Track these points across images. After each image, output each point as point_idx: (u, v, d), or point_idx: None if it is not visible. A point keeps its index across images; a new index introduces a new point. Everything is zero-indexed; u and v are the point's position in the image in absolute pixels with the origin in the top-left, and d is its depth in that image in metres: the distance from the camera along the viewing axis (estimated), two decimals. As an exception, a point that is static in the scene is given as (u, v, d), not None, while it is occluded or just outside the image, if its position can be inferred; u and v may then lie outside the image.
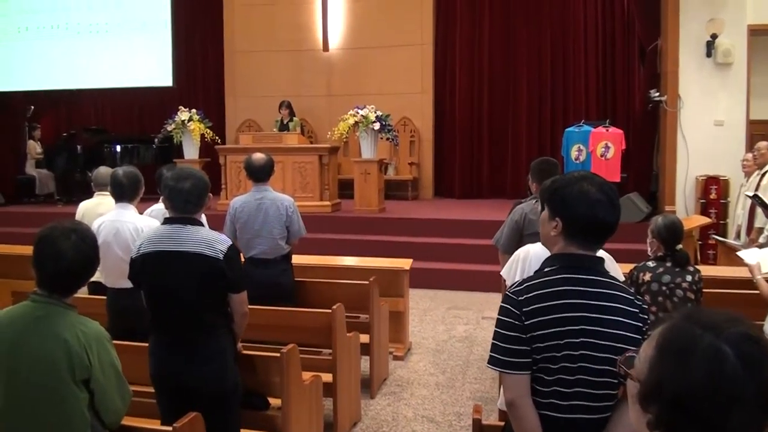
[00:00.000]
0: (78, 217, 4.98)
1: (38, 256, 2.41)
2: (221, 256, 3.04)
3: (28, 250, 2.45)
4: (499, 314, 2.05)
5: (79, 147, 11.47)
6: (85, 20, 11.67)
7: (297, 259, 5.15)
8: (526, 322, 1.97)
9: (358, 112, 9.36)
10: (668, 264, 3.77)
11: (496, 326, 2.05)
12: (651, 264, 3.81)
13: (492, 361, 2.03)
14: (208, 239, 3.08)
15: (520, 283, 2.07)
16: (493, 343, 2.03)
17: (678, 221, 3.90)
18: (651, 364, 1.14)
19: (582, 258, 2.04)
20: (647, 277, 3.76)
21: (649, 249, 3.93)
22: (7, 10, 11.99)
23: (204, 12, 12.56)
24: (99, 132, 12.13)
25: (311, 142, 10.84)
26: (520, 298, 2.00)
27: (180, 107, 10.14)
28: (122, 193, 4.21)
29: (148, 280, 3.16)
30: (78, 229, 2.46)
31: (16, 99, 12.34)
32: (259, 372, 3.54)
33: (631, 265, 3.94)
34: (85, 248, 2.43)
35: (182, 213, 3.14)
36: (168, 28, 11.12)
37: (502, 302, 2.06)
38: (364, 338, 4.84)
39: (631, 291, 2.09)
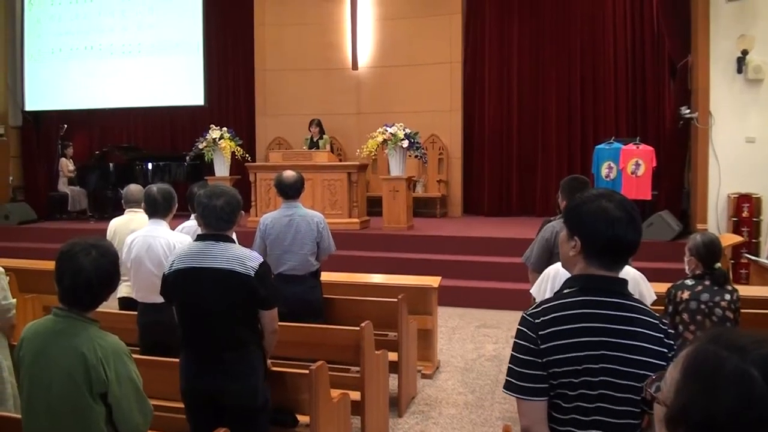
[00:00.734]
0: (109, 233, 5.06)
1: (58, 270, 2.45)
2: (253, 273, 3.06)
3: (58, 265, 2.49)
4: (515, 337, 1.99)
5: (111, 164, 11.66)
6: (119, 42, 11.90)
7: (326, 276, 5.16)
8: (541, 346, 1.89)
9: (386, 130, 9.40)
10: (707, 282, 3.71)
11: (512, 349, 1.98)
12: (689, 282, 3.76)
13: (507, 386, 1.96)
14: (241, 256, 3.10)
15: (538, 305, 1.99)
16: (509, 367, 1.97)
17: (716, 239, 3.85)
18: (677, 387, 1.12)
19: (603, 279, 1.95)
20: (685, 295, 3.71)
21: (686, 267, 3.88)
22: (42, 32, 12.27)
23: (235, 32, 12.73)
24: (131, 150, 12.31)
25: (340, 160, 10.89)
26: (536, 321, 1.93)
27: (211, 125, 10.28)
28: (156, 209, 4.27)
29: (180, 296, 3.19)
30: (98, 245, 2.49)
31: (49, 118, 12.59)
32: (288, 389, 3.55)
33: (662, 284, 3.89)
34: (104, 263, 2.45)
35: (215, 230, 3.17)
36: (200, 49, 11.30)
37: (519, 324, 1.99)
38: (393, 356, 4.82)
39: (656, 315, 1.99)
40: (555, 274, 3.26)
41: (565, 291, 1.99)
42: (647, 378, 1.35)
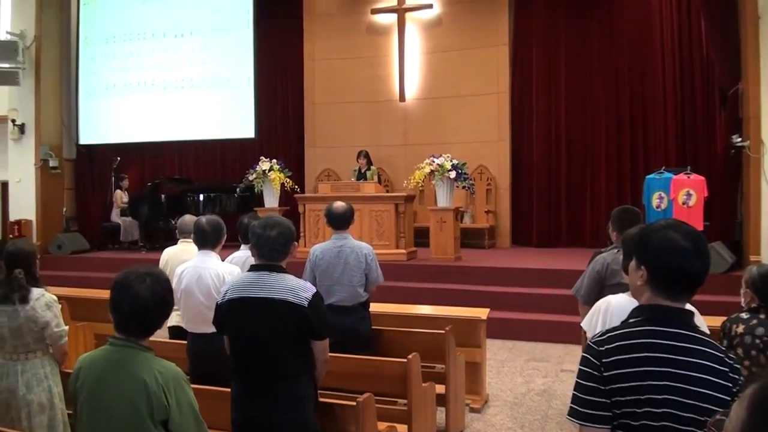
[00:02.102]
0: (162, 262, 5.16)
1: (114, 299, 2.50)
2: (306, 303, 3.08)
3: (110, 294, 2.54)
4: (580, 364, 2.00)
5: (162, 196, 11.92)
6: (172, 77, 12.21)
7: (373, 307, 5.15)
8: (605, 374, 1.90)
9: (433, 161, 9.42)
10: (762, 316, 3.60)
11: (577, 376, 1.99)
12: (744, 316, 3.65)
13: (571, 413, 1.97)
14: (294, 286, 3.12)
15: (603, 333, 2.00)
16: (573, 394, 1.98)
17: (773, 271, 3.73)
18: (743, 426, 1.09)
19: (669, 310, 1.96)
20: (740, 329, 3.60)
21: (742, 300, 3.76)
22: (97, 69, 12.68)
23: (285, 67, 12.97)
24: (182, 181, 12.57)
25: (388, 191, 10.93)
26: (600, 349, 1.94)
27: (261, 157, 10.46)
28: (205, 240, 4.33)
29: (232, 326, 3.23)
30: (153, 273, 2.54)
31: (103, 151, 12.95)
32: (336, 420, 3.53)
33: (715, 318, 3.78)
34: (159, 290, 2.51)
35: (268, 260, 3.20)
36: (251, 83, 11.54)
37: (583, 352, 2.01)
38: (440, 389, 4.77)
39: (722, 348, 1.98)
40: (606, 307, 3.20)
41: (631, 320, 2.00)
42: (710, 411, 1.32)
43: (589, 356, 1.96)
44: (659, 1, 10.56)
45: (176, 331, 4.68)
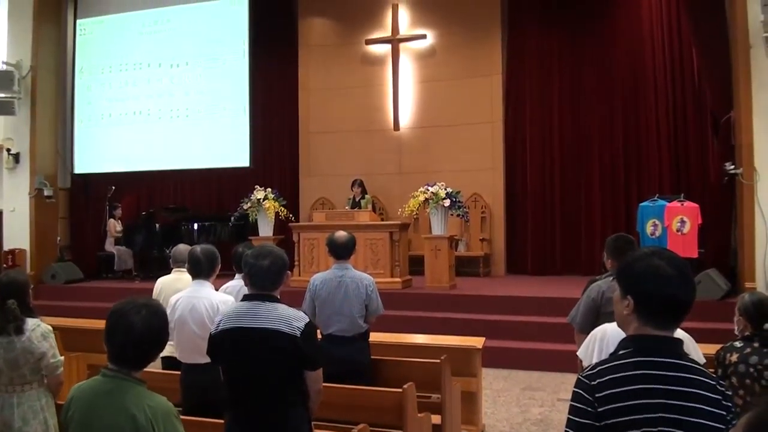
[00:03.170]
0: (156, 291, 5.14)
1: (109, 329, 2.48)
2: (299, 333, 3.06)
3: (104, 324, 2.52)
4: (571, 399, 1.97)
5: (157, 225, 11.88)
6: (167, 106, 12.26)
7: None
8: (599, 409, 1.87)
9: (428, 189, 9.44)
10: (755, 344, 3.58)
11: (568, 413, 1.96)
12: (738, 344, 3.64)
13: None
14: (286, 316, 3.10)
15: (593, 367, 1.98)
16: (566, 430, 1.95)
17: (766, 299, 3.72)
18: None
19: (658, 340, 1.94)
20: (734, 357, 3.58)
21: (736, 328, 3.76)
22: (92, 98, 12.73)
23: (280, 96, 13.03)
24: (177, 210, 12.55)
25: (382, 219, 10.93)
26: (592, 383, 1.91)
27: (256, 186, 10.47)
28: (199, 269, 4.31)
29: (226, 356, 3.20)
30: (148, 304, 2.53)
31: (97, 180, 12.94)
32: (331, 451, 3.50)
33: (711, 346, 3.77)
34: (154, 322, 2.49)
35: (261, 290, 3.19)
36: (246, 112, 11.59)
37: (574, 387, 1.98)
38: (436, 419, 4.72)
39: (713, 376, 1.96)
40: (602, 335, 3.19)
41: (620, 352, 1.98)
42: None
43: (581, 391, 1.93)
44: (651, 30, 10.71)
45: (170, 362, 4.64)
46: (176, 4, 12.10)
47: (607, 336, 3.13)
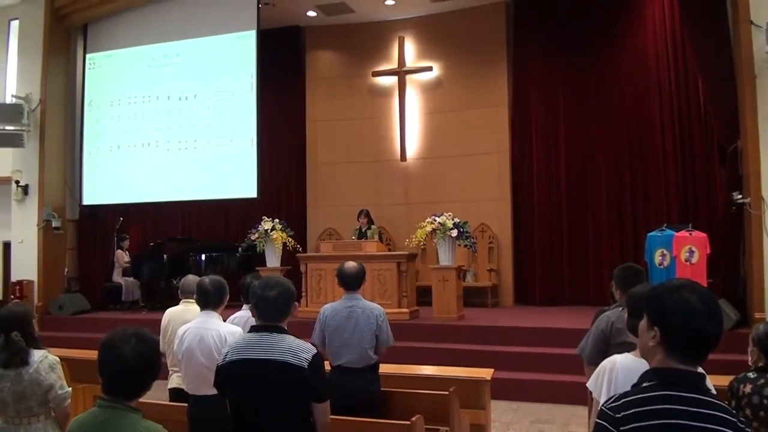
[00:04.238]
0: (164, 322, 5.14)
1: (100, 361, 2.49)
2: (306, 364, 3.04)
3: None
4: (594, 430, 1.95)
5: (164, 256, 11.91)
6: (175, 138, 12.33)
7: (377, 368, 5.08)
8: None
9: (435, 220, 9.44)
10: (768, 375, 3.54)
11: None
12: (751, 375, 3.59)
13: None
14: (293, 347, 3.09)
15: (617, 399, 1.96)
16: None
17: (780, 328, 3.68)
18: None
19: (684, 374, 1.93)
20: (748, 389, 3.53)
21: (749, 358, 3.71)
22: (101, 131, 12.81)
23: (288, 128, 13.15)
24: (184, 241, 12.60)
25: (389, 250, 10.93)
26: (617, 416, 1.89)
27: (263, 217, 10.50)
28: (208, 300, 4.31)
29: (233, 388, 3.18)
30: (139, 333, 2.52)
31: (106, 212, 12.99)
32: (338, 485, 3.46)
33: (720, 377, 3.72)
34: (144, 350, 2.48)
35: (268, 321, 3.18)
36: (254, 144, 11.66)
37: (597, 418, 1.96)
38: (445, 452, 4.68)
39: (733, 412, 1.94)
40: (612, 367, 3.15)
41: (644, 384, 1.96)
42: None
43: (604, 423, 1.91)
44: (656, 59, 10.73)
45: (177, 394, 4.62)
46: (185, 39, 12.24)
47: (616, 368, 3.09)
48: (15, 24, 12.83)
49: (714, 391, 3.18)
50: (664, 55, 10.64)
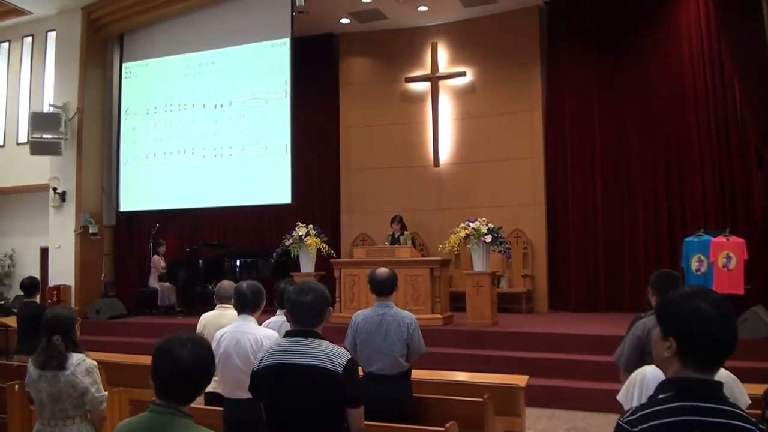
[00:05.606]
0: (199, 327, 5.21)
1: (155, 364, 2.49)
2: (340, 369, 3.04)
3: (147, 359, 2.54)
4: None
5: (200, 261, 12.04)
6: (211, 146, 12.48)
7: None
8: None
9: (469, 225, 9.41)
10: (806, 383, 3.46)
11: None
12: (787, 383, 3.52)
13: None
14: (328, 352, 3.10)
15: (633, 412, 1.93)
16: None
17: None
18: None
19: (699, 383, 1.89)
20: (782, 397, 3.46)
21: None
22: (138, 139, 13.03)
23: (321, 133, 13.23)
24: (220, 247, 12.72)
25: (423, 255, 10.91)
26: (634, 430, 1.87)
27: (298, 223, 10.58)
28: (245, 305, 4.37)
29: (267, 393, 3.20)
30: (194, 338, 2.53)
31: (142, 218, 13.19)
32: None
33: (757, 386, 3.64)
34: (201, 355, 2.49)
35: (303, 326, 3.19)
36: (288, 150, 11.74)
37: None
38: (479, 459, 4.66)
39: (753, 420, 1.89)
40: (642, 379, 3.09)
41: (660, 396, 1.93)
42: None
43: None
44: (692, 62, 10.53)
45: (212, 397, 4.67)
46: (220, 47, 12.39)
47: (647, 379, 3.04)
48: (52, 35, 13.14)
49: (748, 400, 3.12)
50: (699, 58, 10.43)
